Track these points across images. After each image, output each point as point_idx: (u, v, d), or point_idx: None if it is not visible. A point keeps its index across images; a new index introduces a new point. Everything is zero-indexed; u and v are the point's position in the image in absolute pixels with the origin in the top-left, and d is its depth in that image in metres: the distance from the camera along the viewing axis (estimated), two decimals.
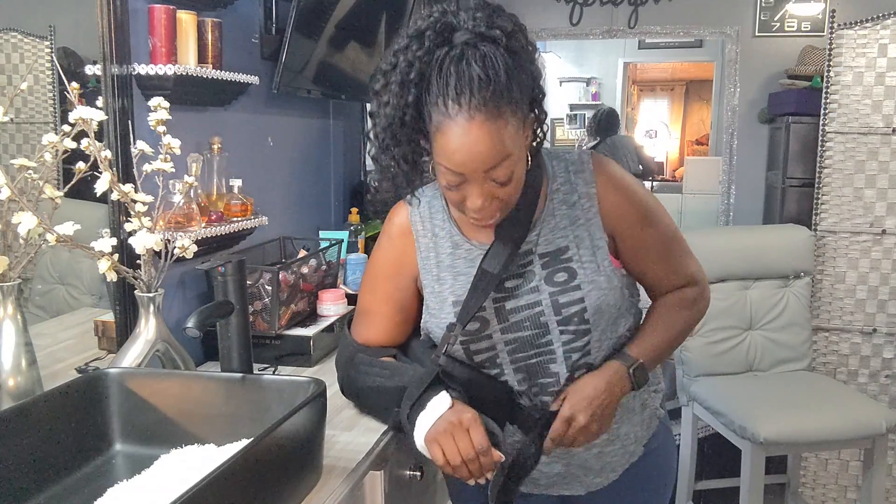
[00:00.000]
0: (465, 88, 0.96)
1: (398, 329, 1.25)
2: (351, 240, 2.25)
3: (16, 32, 1.32)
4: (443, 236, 1.19)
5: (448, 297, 1.16)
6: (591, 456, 1.22)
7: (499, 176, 1.01)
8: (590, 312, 1.12)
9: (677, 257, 1.23)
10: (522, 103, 1.01)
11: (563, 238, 1.15)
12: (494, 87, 0.96)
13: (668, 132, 8.81)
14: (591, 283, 1.13)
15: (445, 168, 1.01)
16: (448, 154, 0.99)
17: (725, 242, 2.69)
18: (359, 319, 1.28)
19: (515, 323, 1.14)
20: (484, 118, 0.96)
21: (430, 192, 1.21)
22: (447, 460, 1.04)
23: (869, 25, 2.70)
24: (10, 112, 1.12)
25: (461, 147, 0.98)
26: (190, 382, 1.16)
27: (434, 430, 1.05)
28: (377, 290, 1.25)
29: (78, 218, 1.11)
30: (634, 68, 8.16)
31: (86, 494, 0.98)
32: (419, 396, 1.09)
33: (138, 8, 1.45)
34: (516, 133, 1.01)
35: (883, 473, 2.34)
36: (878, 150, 2.72)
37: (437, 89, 0.98)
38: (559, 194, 1.16)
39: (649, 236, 1.19)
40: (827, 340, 2.82)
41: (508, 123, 0.98)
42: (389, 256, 1.23)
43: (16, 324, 1.12)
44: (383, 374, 1.19)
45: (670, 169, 8.38)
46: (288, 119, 2.14)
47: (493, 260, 1.12)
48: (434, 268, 1.18)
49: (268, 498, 0.93)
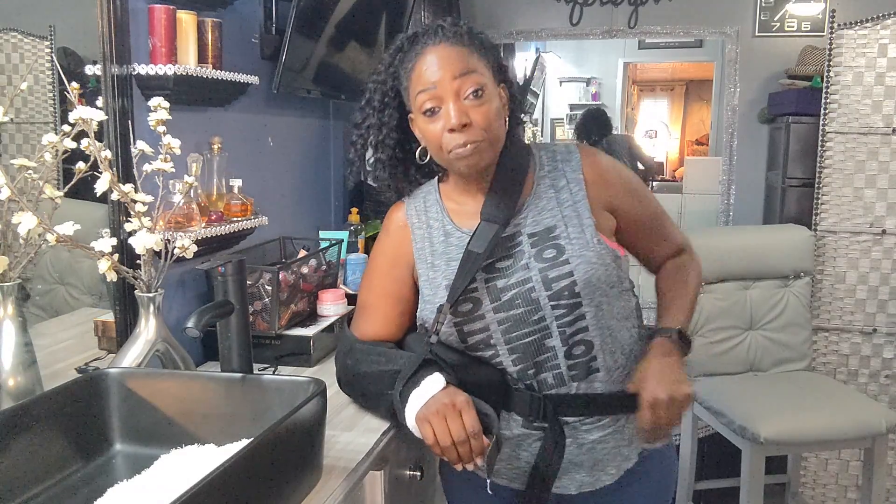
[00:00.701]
0: (431, 35, 1.15)
1: (395, 323, 1.28)
2: (351, 240, 2.25)
3: (16, 32, 1.32)
4: (436, 227, 1.24)
5: (441, 281, 1.20)
6: (583, 451, 1.21)
7: (468, 87, 1.12)
8: (580, 286, 1.14)
9: (666, 228, 1.33)
10: (487, 58, 1.17)
11: (551, 218, 1.19)
12: (457, 30, 1.16)
13: (668, 132, 8.81)
14: (579, 257, 1.15)
15: (421, 93, 1.14)
16: (420, 76, 1.14)
17: (725, 242, 2.69)
18: (357, 315, 1.32)
19: (507, 301, 1.16)
20: (448, 45, 1.14)
21: (426, 189, 1.29)
22: (437, 441, 1.05)
23: (869, 25, 2.69)
24: (10, 112, 1.13)
25: (430, 65, 1.13)
26: (190, 382, 1.16)
27: (426, 410, 1.07)
28: (374, 286, 1.30)
29: (78, 218, 1.11)
30: (634, 68, 8.16)
31: (86, 494, 0.99)
32: (413, 374, 1.10)
33: (138, 8, 1.45)
34: (484, 68, 1.15)
35: (883, 473, 2.34)
36: (878, 150, 2.72)
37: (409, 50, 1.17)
38: (546, 180, 1.22)
39: (639, 210, 1.28)
40: (827, 340, 2.82)
41: (473, 54, 1.15)
42: (387, 251, 1.29)
43: (16, 324, 1.12)
44: (379, 361, 1.21)
45: (670, 169, 8.38)
46: (288, 119, 2.15)
47: (479, 240, 1.16)
48: (429, 256, 1.23)
49: (268, 498, 0.93)
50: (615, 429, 1.22)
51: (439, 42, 1.14)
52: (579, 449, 1.21)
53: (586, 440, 1.20)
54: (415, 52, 1.16)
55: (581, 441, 1.20)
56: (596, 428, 1.20)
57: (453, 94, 1.12)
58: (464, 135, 1.12)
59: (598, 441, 1.21)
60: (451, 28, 1.16)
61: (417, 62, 1.15)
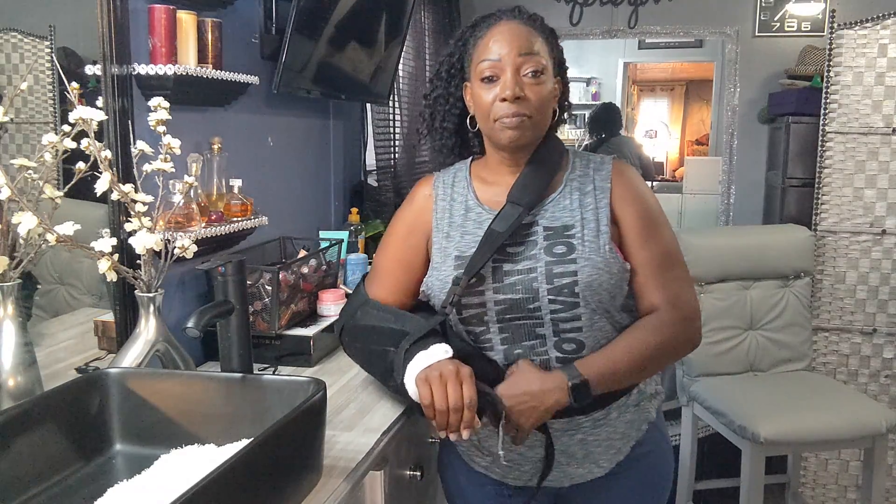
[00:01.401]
0: (503, 13, 1.23)
1: (404, 291, 1.30)
2: (351, 240, 2.25)
3: (16, 32, 1.32)
4: (459, 200, 1.28)
5: (452, 251, 1.23)
6: (574, 442, 1.22)
7: (529, 67, 1.17)
8: (580, 287, 1.15)
9: (668, 273, 1.21)
10: (551, 49, 1.23)
11: (570, 217, 1.21)
12: (532, 16, 1.23)
13: (668, 132, 8.81)
14: (587, 260, 1.16)
15: (484, 61, 1.19)
16: (488, 46, 1.19)
17: (725, 242, 2.69)
18: (370, 277, 1.35)
19: (509, 284, 1.18)
20: (519, 23, 1.21)
21: (458, 166, 1.34)
22: (433, 402, 1.06)
23: (869, 25, 2.69)
24: (10, 112, 1.12)
25: (499, 37, 1.19)
26: (190, 382, 1.16)
27: (428, 371, 1.08)
28: (389, 251, 1.33)
29: (78, 218, 1.11)
30: (634, 68, 8.16)
31: (86, 494, 0.98)
32: (422, 337, 1.13)
33: (138, 8, 1.45)
34: (546, 55, 1.21)
35: (883, 473, 2.34)
36: (878, 150, 2.72)
37: (482, 24, 1.23)
38: (575, 182, 1.24)
39: (645, 244, 1.21)
40: (827, 340, 2.82)
41: (540, 38, 1.21)
42: (407, 218, 1.32)
43: (16, 324, 1.12)
44: (388, 319, 1.23)
45: (670, 169, 8.38)
46: (288, 119, 2.15)
47: (502, 221, 1.19)
48: (446, 227, 1.27)
49: (268, 498, 0.93)
50: (606, 422, 1.23)
51: (512, 19, 1.21)
52: (571, 440, 1.22)
53: (577, 431, 1.22)
54: (487, 24, 1.22)
55: (572, 432, 1.22)
56: (587, 420, 1.21)
57: (514, 68, 1.17)
58: (514, 106, 1.16)
59: (589, 433, 1.22)
60: (526, 12, 1.23)
61: (487, 33, 1.21)
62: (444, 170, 1.34)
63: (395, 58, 2.59)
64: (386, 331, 1.21)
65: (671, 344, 1.19)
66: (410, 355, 1.12)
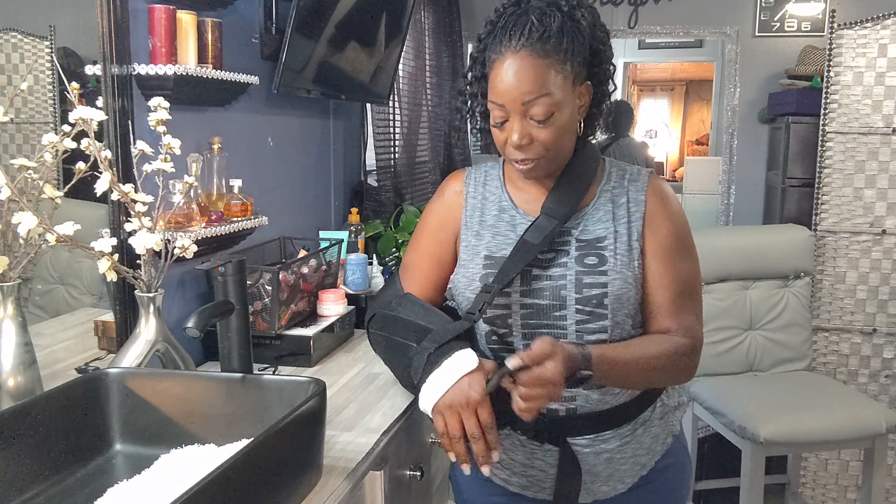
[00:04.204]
0: (516, 31, 1.09)
1: (433, 287, 1.29)
2: (351, 240, 2.25)
3: (16, 32, 1.32)
4: (492, 200, 1.26)
5: (482, 251, 1.22)
6: (601, 461, 1.20)
7: (537, 114, 1.09)
8: (610, 299, 1.14)
9: (688, 301, 1.22)
10: (573, 61, 1.10)
11: (604, 229, 1.19)
12: (544, 34, 1.08)
13: (668, 132, 8.82)
14: (618, 273, 1.16)
15: (491, 102, 1.13)
16: (494, 87, 1.12)
17: (725, 242, 2.69)
18: (401, 270, 1.34)
19: (537, 290, 1.17)
20: (528, 54, 1.08)
21: (489, 163, 1.31)
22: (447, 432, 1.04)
23: (869, 25, 2.70)
24: (10, 112, 1.12)
25: (504, 79, 1.10)
26: (190, 382, 1.16)
27: (443, 402, 1.05)
28: (420, 245, 1.32)
29: (78, 218, 1.11)
30: (634, 68, 8.17)
31: (86, 494, 0.98)
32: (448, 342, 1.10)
33: (138, 8, 1.45)
34: (562, 82, 1.10)
35: (883, 473, 2.34)
36: (878, 150, 2.72)
37: (496, 33, 1.12)
38: (609, 193, 1.22)
39: (671, 266, 1.20)
40: (827, 340, 2.82)
41: (552, 69, 1.09)
42: (438, 211, 1.31)
43: (16, 324, 1.12)
44: (418, 314, 1.21)
45: (670, 169, 8.39)
46: (288, 119, 2.14)
47: (536, 232, 1.17)
48: (476, 225, 1.25)
49: (268, 498, 0.93)
50: (632, 439, 1.22)
51: (520, 49, 1.08)
52: (597, 458, 1.20)
53: (604, 450, 1.20)
54: (498, 52, 1.10)
55: (598, 450, 1.20)
56: (614, 437, 1.20)
57: (520, 115, 1.10)
58: (523, 152, 1.13)
59: (616, 451, 1.21)
60: (538, 28, 1.08)
61: (495, 66, 1.11)
62: (476, 166, 1.31)
63: (395, 58, 2.59)
64: (412, 325, 1.19)
65: (676, 365, 1.21)
66: (434, 361, 1.09)
